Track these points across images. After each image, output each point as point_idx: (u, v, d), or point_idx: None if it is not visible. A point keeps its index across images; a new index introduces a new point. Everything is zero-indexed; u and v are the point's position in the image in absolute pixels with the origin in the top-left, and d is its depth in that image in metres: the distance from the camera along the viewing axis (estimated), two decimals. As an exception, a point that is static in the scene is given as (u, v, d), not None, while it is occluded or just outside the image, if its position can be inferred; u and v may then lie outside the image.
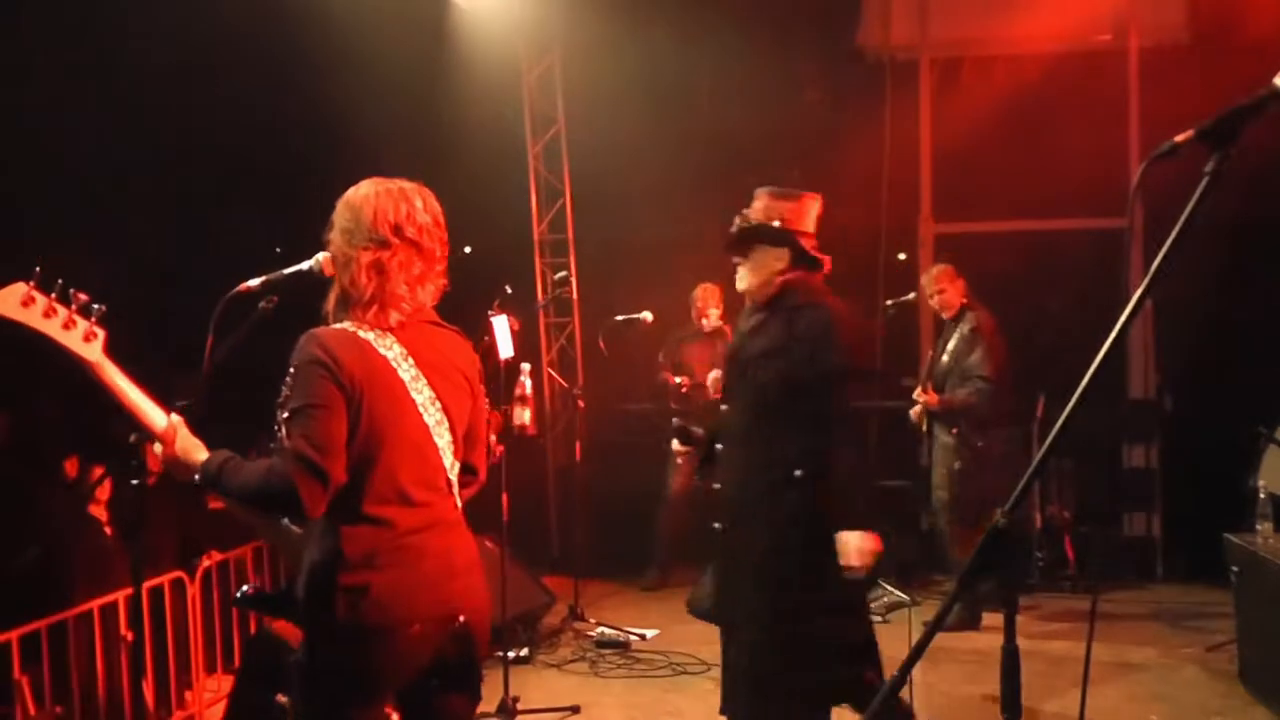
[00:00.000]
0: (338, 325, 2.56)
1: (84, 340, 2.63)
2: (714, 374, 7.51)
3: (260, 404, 3.03)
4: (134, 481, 3.04)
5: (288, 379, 2.47)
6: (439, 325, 2.70)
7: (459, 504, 2.69)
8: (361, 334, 2.53)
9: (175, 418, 2.65)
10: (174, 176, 8.44)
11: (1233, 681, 5.42)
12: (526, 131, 9.04)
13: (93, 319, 2.66)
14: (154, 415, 2.66)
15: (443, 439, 2.61)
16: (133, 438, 2.91)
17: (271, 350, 2.73)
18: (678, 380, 7.67)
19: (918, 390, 6.61)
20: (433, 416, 2.58)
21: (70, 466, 7.41)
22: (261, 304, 2.92)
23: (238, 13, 7.67)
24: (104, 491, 6.50)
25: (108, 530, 6.49)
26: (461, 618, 2.58)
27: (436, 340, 2.65)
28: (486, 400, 2.97)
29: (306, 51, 7.77)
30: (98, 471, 6.66)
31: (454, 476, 2.66)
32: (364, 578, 2.47)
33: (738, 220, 4.04)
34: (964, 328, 6.51)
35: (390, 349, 2.54)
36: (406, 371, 2.55)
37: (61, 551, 6.08)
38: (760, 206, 4.05)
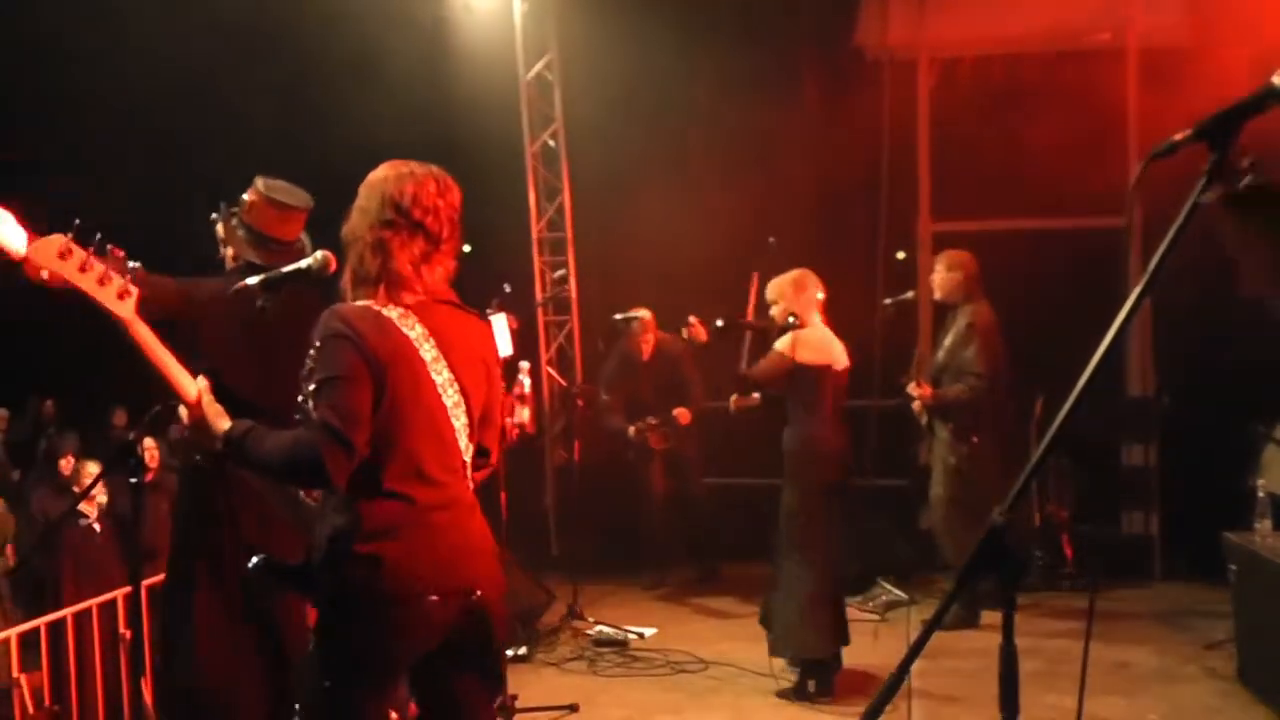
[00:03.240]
0: (359, 302, 2.58)
1: (118, 297, 2.64)
2: (679, 409, 7.61)
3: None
4: (131, 480, 3.04)
5: (313, 352, 2.50)
6: (460, 308, 2.72)
7: (472, 486, 2.70)
8: (385, 312, 2.55)
9: (202, 381, 2.67)
10: (171, 177, 8.44)
11: (1231, 680, 5.42)
12: (525, 130, 9.04)
13: (128, 276, 2.66)
14: (183, 378, 2.69)
15: (459, 420, 2.62)
16: (131, 435, 2.92)
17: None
18: (639, 428, 7.69)
19: (911, 385, 6.59)
20: (450, 398, 2.60)
21: (66, 465, 7.42)
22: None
23: (237, 11, 7.67)
24: (98, 489, 6.50)
25: (97, 527, 6.50)
26: (478, 592, 2.58)
27: (456, 322, 2.67)
28: (503, 384, 2.99)
29: (305, 50, 7.78)
30: (89, 469, 6.67)
31: (468, 459, 2.67)
32: (381, 547, 2.49)
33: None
34: (961, 323, 6.51)
35: (413, 329, 2.56)
36: (428, 352, 2.57)
37: (49, 549, 6.07)
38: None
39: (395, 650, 2.55)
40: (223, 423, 2.62)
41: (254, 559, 2.60)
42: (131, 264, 2.69)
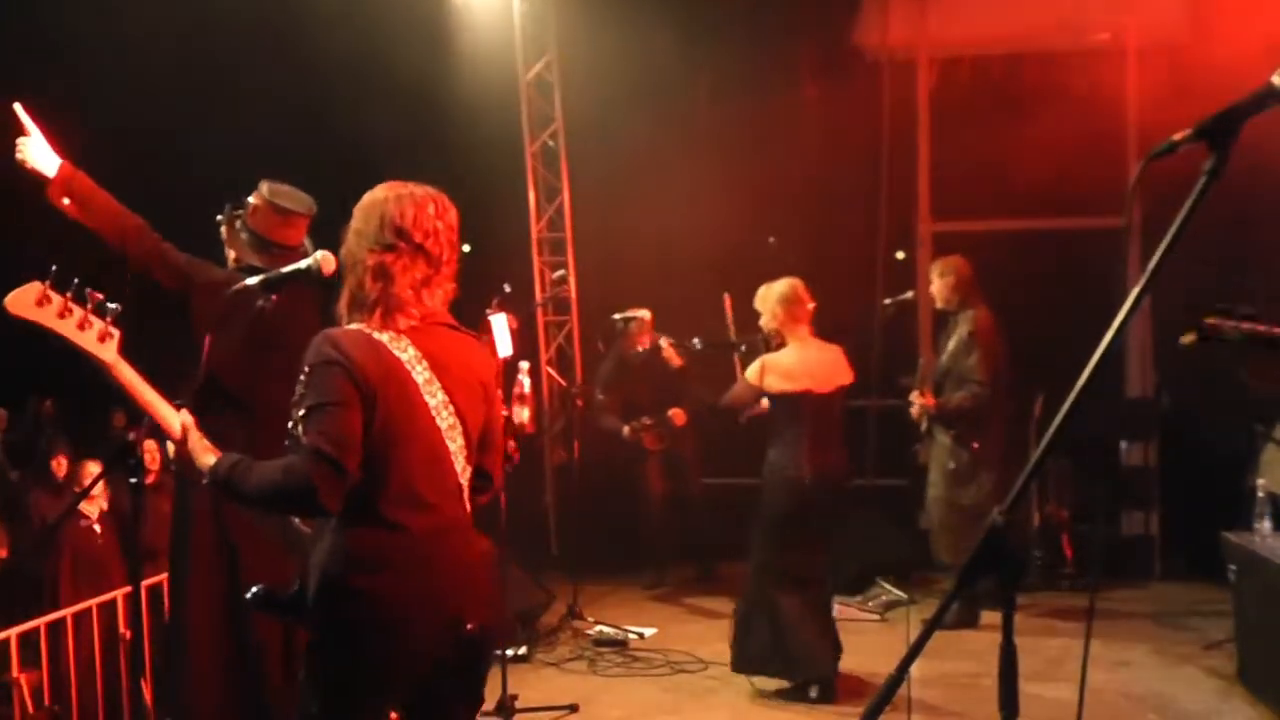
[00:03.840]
0: (351, 326, 2.56)
1: (99, 340, 2.64)
2: (675, 410, 7.57)
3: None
4: (132, 480, 3.05)
5: (302, 378, 2.47)
6: (455, 329, 2.68)
7: (469, 509, 2.68)
8: (375, 335, 2.52)
9: (186, 416, 2.67)
10: (167, 178, 8.42)
11: (1231, 680, 5.42)
12: (524, 130, 9.04)
13: (108, 319, 2.67)
14: (167, 414, 2.69)
15: (455, 443, 2.59)
16: (130, 435, 2.92)
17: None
18: (634, 428, 7.67)
19: (914, 393, 6.59)
20: (445, 420, 2.57)
21: (58, 466, 7.41)
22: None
23: (237, 10, 7.67)
24: (98, 489, 6.49)
25: (98, 529, 6.50)
26: (470, 625, 2.56)
27: (452, 344, 2.64)
28: (503, 405, 2.98)
29: (305, 50, 7.77)
30: (90, 469, 6.67)
31: (465, 482, 2.64)
32: (374, 580, 2.47)
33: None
34: (962, 330, 6.50)
35: (405, 351, 2.53)
36: (420, 374, 2.53)
37: (49, 550, 6.07)
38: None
39: (385, 679, 2.54)
40: (208, 458, 2.60)
41: (251, 590, 2.60)
42: (111, 305, 2.69)
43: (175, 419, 2.70)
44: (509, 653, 5.57)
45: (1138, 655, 5.90)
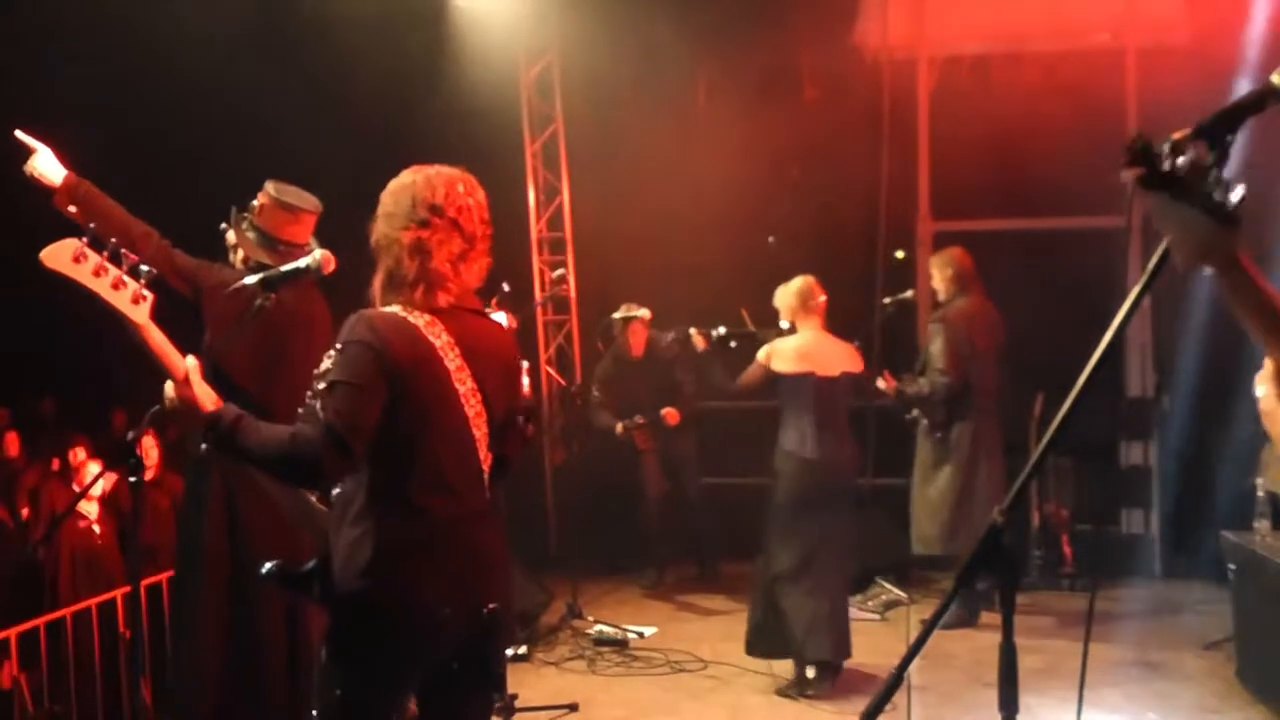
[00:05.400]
0: (388, 308, 2.57)
1: (132, 302, 2.65)
2: (668, 409, 7.55)
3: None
4: (131, 479, 3.05)
5: (332, 353, 2.49)
6: (484, 316, 2.72)
7: (489, 496, 2.70)
8: (412, 319, 2.54)
9: (191, 361, 2.66)
10: (167, 177, 8.43)
11: (1230, 679, 5.42)
12: (525, 129, 9.04)
13: (142, 281, 2.68)
14: (178, 361, 2.68)
15: (480, 430, 2.62)
16: (130, 435, 2.92)
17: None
18: (626, 426, 7.63)
19: (878, 379, 6.55)
20: (472, 408, 2.59)
21: (74, 456, 7.41)
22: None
23: (236, 10, 7.67)
24: (98, 489, 6.49)
25: (97, 528, 6.50)
26: (491, 605, 2.58)
27: (482, 332, 2.67)
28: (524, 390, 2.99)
29: (305, 49, 7.77)
30: (89, 468, 6.67)
31: (487, 468, 2.66)
32: (399, 563, 2.49)
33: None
34: (934, 316, 6.56)
35: (439, 337, 2.55)
36: (452, 361, 2.56)
37: (50, 549, 6.07)
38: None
39: (407, 662, 2.56)
40: (209, 405, 2.55)
41: (267, 565, 2.59)
42: (144, 268, 2.70)
43: (181, 363, 2.69)
44: (509, 652, 5.57)
45: (1137, 654, 5.89)
